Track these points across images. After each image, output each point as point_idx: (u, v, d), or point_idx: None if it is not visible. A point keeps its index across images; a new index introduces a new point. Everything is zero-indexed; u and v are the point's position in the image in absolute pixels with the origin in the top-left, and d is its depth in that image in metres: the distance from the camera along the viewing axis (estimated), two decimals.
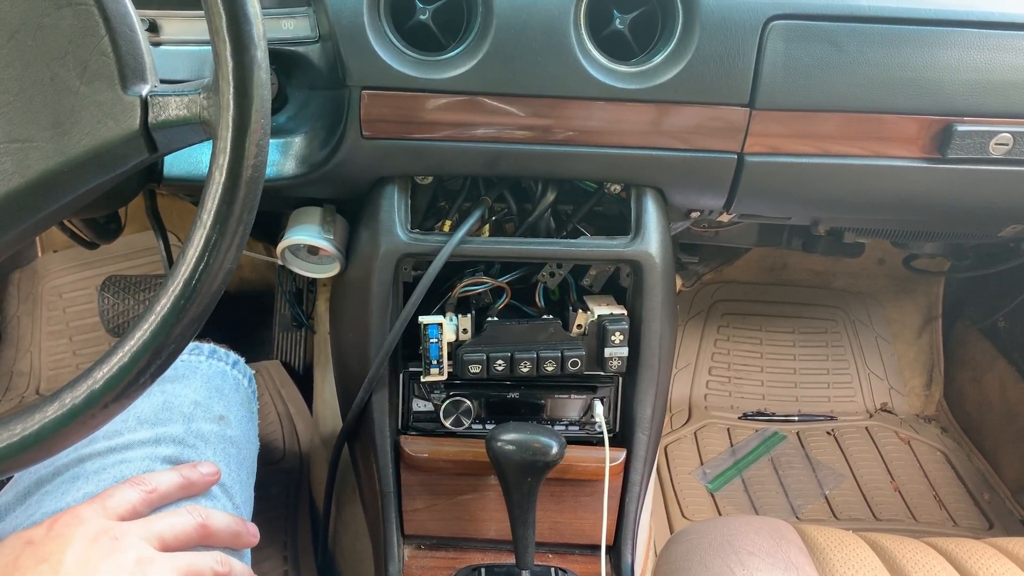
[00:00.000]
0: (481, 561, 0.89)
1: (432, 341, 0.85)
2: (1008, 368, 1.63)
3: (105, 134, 0.55)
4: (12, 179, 0.54)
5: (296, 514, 1.17)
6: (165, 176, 0.82)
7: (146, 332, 0.52)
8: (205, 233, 0.52)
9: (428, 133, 0.80)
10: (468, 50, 0.77)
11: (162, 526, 0.62)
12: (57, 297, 1.74)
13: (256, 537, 0.70)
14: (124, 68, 0.55)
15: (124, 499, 0.62)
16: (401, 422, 0.92)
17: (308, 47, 0.79)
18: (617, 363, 0.87)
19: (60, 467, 0.69)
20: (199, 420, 0.74)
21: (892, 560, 0.83)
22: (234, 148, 0.52)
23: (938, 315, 1.84)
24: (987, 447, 1.64)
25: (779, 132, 0.82)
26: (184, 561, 0.61)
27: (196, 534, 0.64)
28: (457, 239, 0.82)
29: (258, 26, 0.51)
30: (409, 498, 0.91)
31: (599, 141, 0.81)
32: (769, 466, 1.61)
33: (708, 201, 0.91)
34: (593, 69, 0.77)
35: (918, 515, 1.51)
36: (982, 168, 0.85)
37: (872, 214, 1.03)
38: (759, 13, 0.77)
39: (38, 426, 0.51)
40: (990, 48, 0.79)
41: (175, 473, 0.67)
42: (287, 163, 0.82)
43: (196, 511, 0.65)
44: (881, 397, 1.79)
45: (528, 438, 0.77)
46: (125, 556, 0.58)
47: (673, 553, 0.86)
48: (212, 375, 0.81)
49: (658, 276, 0.86)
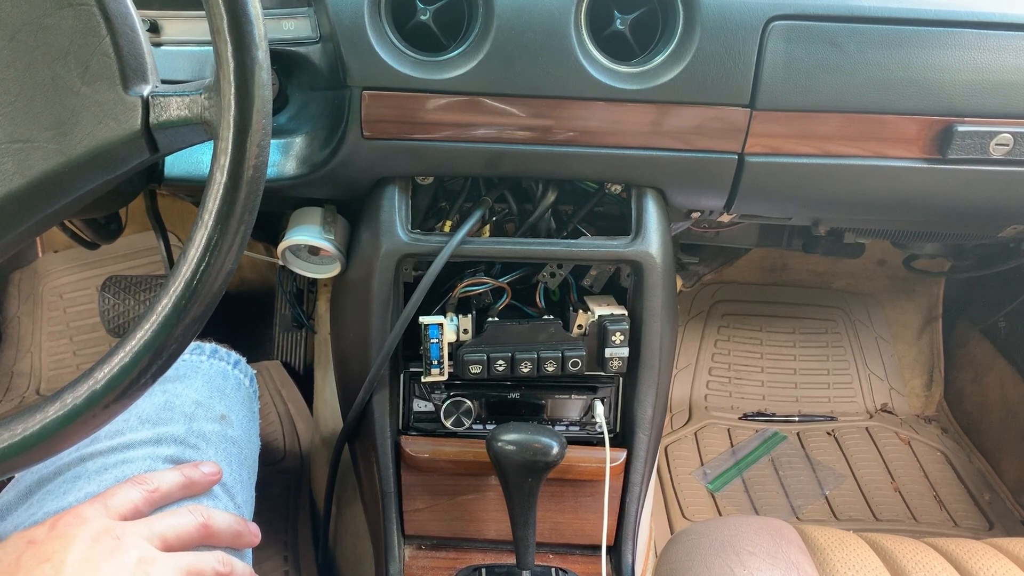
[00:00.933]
0: (482, 561, 0.89)
1: (433, 341, 0.85)
2: (1008, 368, 1.63)
3: (106, 134, 0.55)
4: (13, 179, 0.55)
5: (296, 514, 1.17)
6: (166, 176, 0.82)
7: (147, 332, 0.52)
8: (206, 233, 0.52)
9: (429, 133, 0.80)
10: (469, 50, 0.77)
11: (164, 526, 0.62)
12: (58, 297, 1.74)
13: (258, 537, 0.70)
14: (125, 68, 0.55)
15: (126, 498, 0.62)
16: (402, 422, 0.92)
17: (309, 47, 0.79)
18: (618, 363, 0.87)
19: (62, 466, 0.69)
20: (200, 420, 0.75)
21: (892, 560, 0.83)
22: (235, 148, 0.52)
23: (938, 315, 1.84)
24: (987, 447, 1.64)
25: (780, 132, 0.82)
26: (186, 561, 0.61)
27: (198, 534, 0.64)
28: (458, 239, 0.82)
29: (259, 26, 0.51)
30: (410, 498, 0.91)
31: (600, 141, 0.81)
32: (769, 466, 1.61)
33: (709, 201, 0.91)
34: (594, 69, 0.77)
35: (918, 515, 1.51)
36: (982, 168, 0.85)
37: (872, 214, 1.03)
38: (760, 14, 0.77)
39: (39, 426, 0.51)
40: (990, 48, 0.79)
41: (177, 473, 0.67)
42: (288, 163, 0.82)
43: (198, 511, 0.65)
44: (881, 397, 1.79)
45: (529, 438, 0.77)
46: (127, 556, 0.58)
47: (673, 553, 0.86)
48: (213, 375, 0.81)
49: (658, 276, 0.86)
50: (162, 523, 0.62)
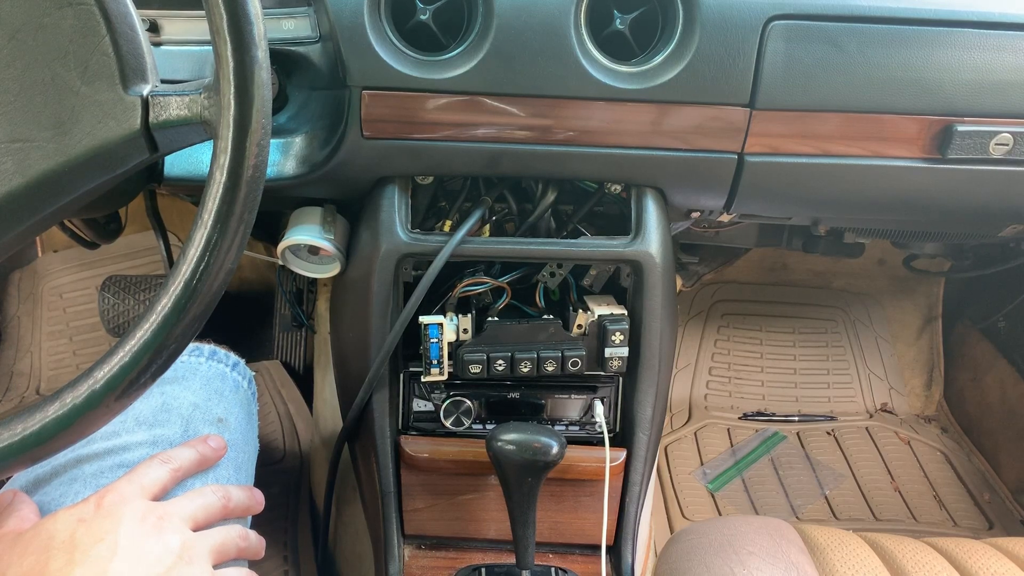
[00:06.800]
0: (481, 561, 0.89)
1: (432, 341, 0.85)
2: (1008, 368, 1.63)
3: (106, 134, 0.55)
4: (13, 179, 0.54)
5: (296, 514, 1.17)
6: (166, 176, 0.82)
7: (147, 332, 0.52)
8: (206, 233, 0.52)
9: (428, 133, 0.80)
10: (468, 50, 0.77)
11: (195, 507, 0.66)
12: (57, 297, 1.74)
13: (262, 503, 0.75)
14: (125, 68, 0.55)
15: (157, 478, 0.66)
16: (401, 422, 0.92)
17: (309, 47, 0.79)
18: (617, 363, 0.87)
19: (58, 467, 0.69)
20: (198, 422, 0.75)
21: (892, 560, 0.83)
22: (235, 148, 0.52)
23: (938, 315, 1.84)
24: (987, 447, 1.64)
25: (779, 132, 0.82)
26: (217, 540, 0.65)
27: (220, 512, 0.68)
28: (457, 239, 0.82)
29: (259, 26, 0.51)
30: (409, 498, 0.91)
31: (599, 141, 0.81)
32: (769, 466, 1.61)
33: (708, 201, 0.91)
34: (593, 69, 0.77)
35: (918, 515, 1.51)
36: (982, 168, 0.85)
37: (872, 214, 1.03)
38: (759, 13, 0.77)
39: (39, 426, 0.51)
40: (990, 48, 0.79)
41: (191, 450, 0.70)
42: (288, 163, 0.82)
43: (220, 491, 0.69)
44: (881, 397, 1.79)
45: (528, 438, 0.77)
46: (172, 538, 0.61)
47: (673, 553, 0.86)
48: (212, 377, 0.80)
49: (658, 276, 0.86)
50: (194, 504, 0.66)
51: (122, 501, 0.62)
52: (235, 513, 0.71)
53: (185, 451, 0.70)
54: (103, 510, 0.61)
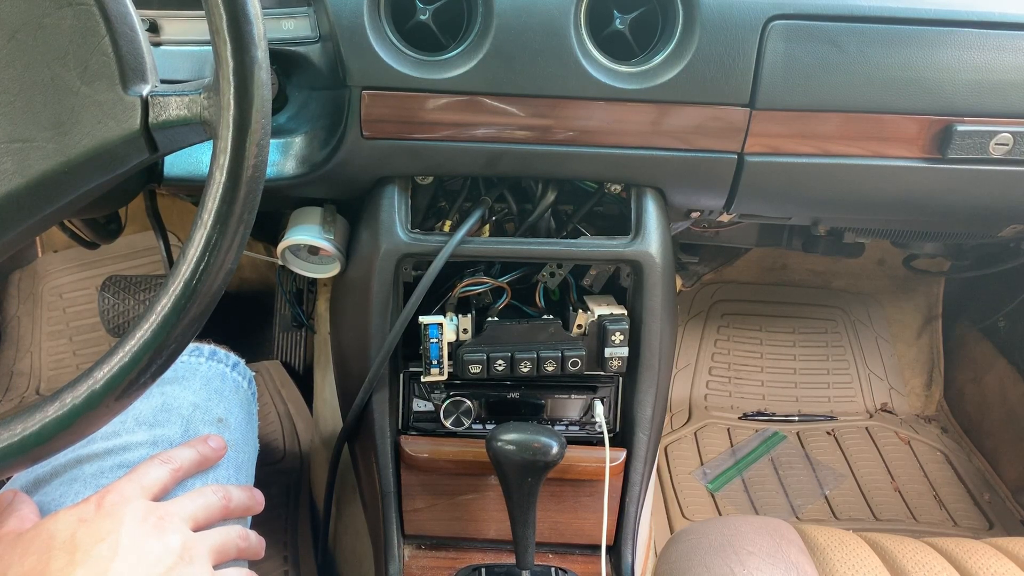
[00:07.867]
0: (481, 561, 0.89)
1: (432, 341, 0.85)
2: (1008, 368, 1.63)
3: (105, 134, 0.55)
4: (13, 179, 0.54)
5: (296, 514, 1.17)
6: (165, 176, 0.82)
7: (147, 332, 0.52)
8: (206, 233, 0.52)
9: (428, 133, 0.80)
10: (468, 50, 0.77)
11: (196, 507, 0.66)
12: (57, 297, 1.74)
13: (262, 504, 0.75)
14: (125, 68, 0.55)
15: (157, 478, 0.66)
16: (401, 422, 0.92)
17: (308, 47, 0.79)
18: (617, 363, 0.87)
19: (58, 468, 0.69)
20: (198, 422, 0.75)
21: (892, 560, 0.83)
22: (235, 148, 0.52)
23: (938, 315, 1.84)
24: (987, 447, 1.64)
25: (779, 132, 0.82)
26: (217, 541, 0.65)
27: (220, 512, 0.68)
28: (457, 239, 0.82)
29: (259, 26, 0.51)
30: (409, 498, 0.91)
31: (599, 141, 0.81)
32: (769, 466, 1.61)
33: (708, 201, 0.91)
34: (593, 69, 0.77)
35: (918, 515, 1.51)
36: (982, 168, 0.85)
37: (872, 214, 1.03)
38: (759, 13, 0.77)
39: (39, 426, 0.51)
40: (990, 48, 0.79)
41: (191, 450, 0.70)
42: (287, 163, 0.82)
43: (220, 491, 0.69)
44: (881, 397, 1.79)
45: (528, 438, 0.77)
46: (173, 539, 0.61)
47: (673, 553, 0.86)
48: (212, 377, 0.80)
49: (658, 276, 0.86)
50: (194, 504, 0.66)
51: (123, 501, 0.62)
52: (235, 513, 0.71)
53: (185, 451, 0.70)
54: (104, 510, 0.61)
